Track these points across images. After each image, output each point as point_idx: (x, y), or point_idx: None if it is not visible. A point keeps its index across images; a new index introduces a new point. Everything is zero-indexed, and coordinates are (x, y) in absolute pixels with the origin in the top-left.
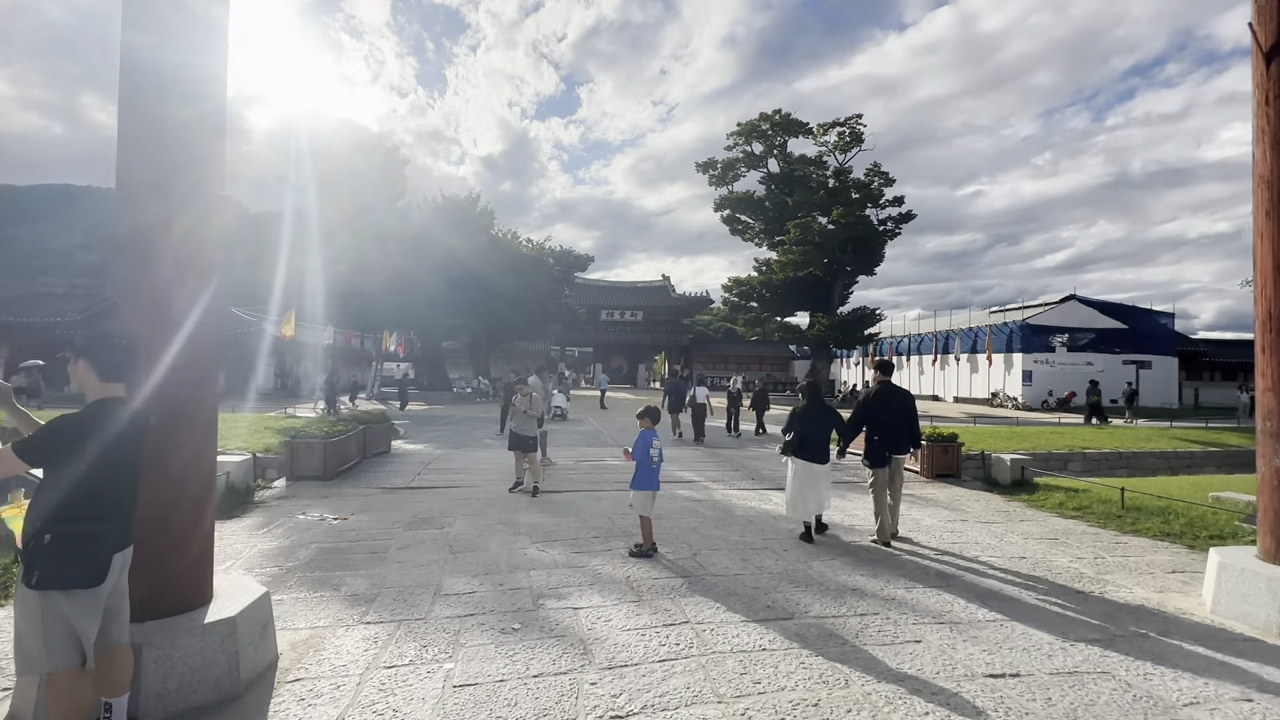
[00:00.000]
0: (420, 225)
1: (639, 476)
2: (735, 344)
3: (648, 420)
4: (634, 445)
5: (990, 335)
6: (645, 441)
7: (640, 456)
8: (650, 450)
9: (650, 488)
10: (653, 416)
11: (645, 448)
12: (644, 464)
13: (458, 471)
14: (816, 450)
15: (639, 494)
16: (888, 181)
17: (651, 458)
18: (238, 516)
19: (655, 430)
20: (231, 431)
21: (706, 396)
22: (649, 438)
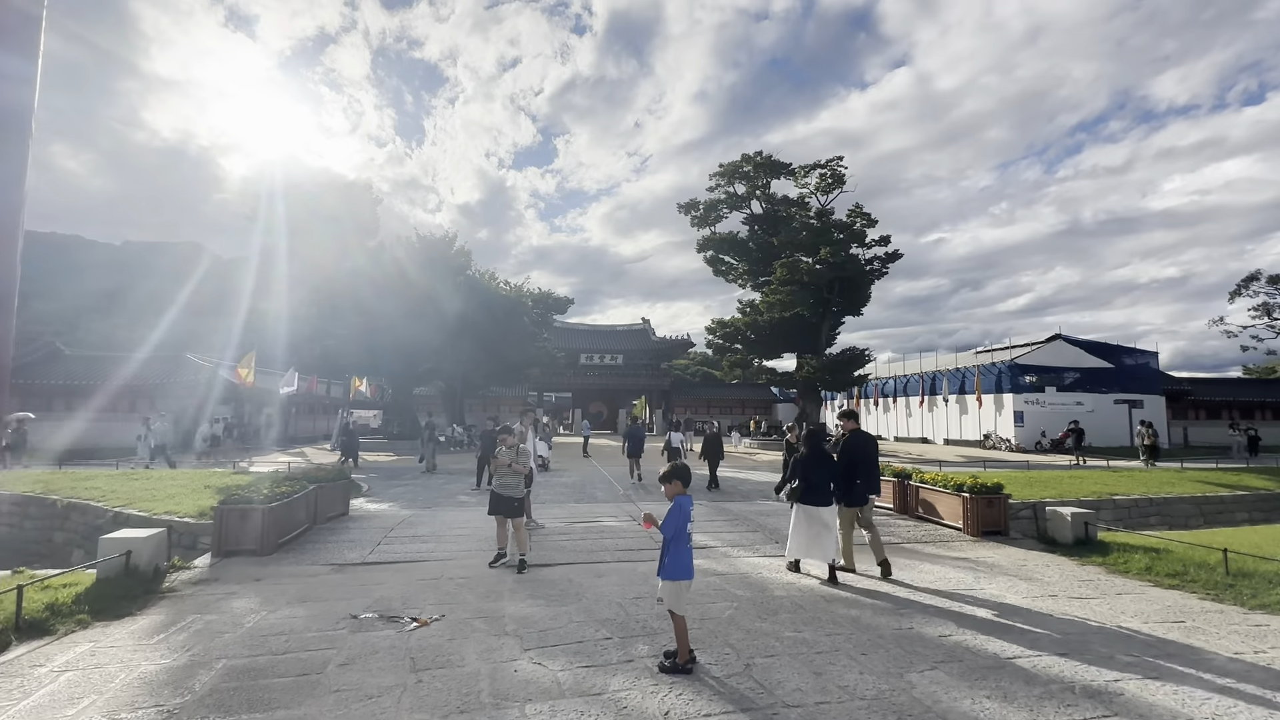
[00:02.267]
0: (393, 265)
1: (671, 561)
2: (717, 387)
3: (678, 484)
4: (664, 518)
5: (979, 376)
6: (680, 513)
7: (673, 533)
8: (689, 524)
9: (684, 576)
10: (683, 477)
11: (680, 521)
12: (677, 543)
13: (427, 539)
14: (820, 495)
15: (671, 585)
16: (870, 222)
17: (688, 533)
18: (133, 614)
19: (690, 496)
20: (162, 491)
21: (681, 441)
22: (684, 508)
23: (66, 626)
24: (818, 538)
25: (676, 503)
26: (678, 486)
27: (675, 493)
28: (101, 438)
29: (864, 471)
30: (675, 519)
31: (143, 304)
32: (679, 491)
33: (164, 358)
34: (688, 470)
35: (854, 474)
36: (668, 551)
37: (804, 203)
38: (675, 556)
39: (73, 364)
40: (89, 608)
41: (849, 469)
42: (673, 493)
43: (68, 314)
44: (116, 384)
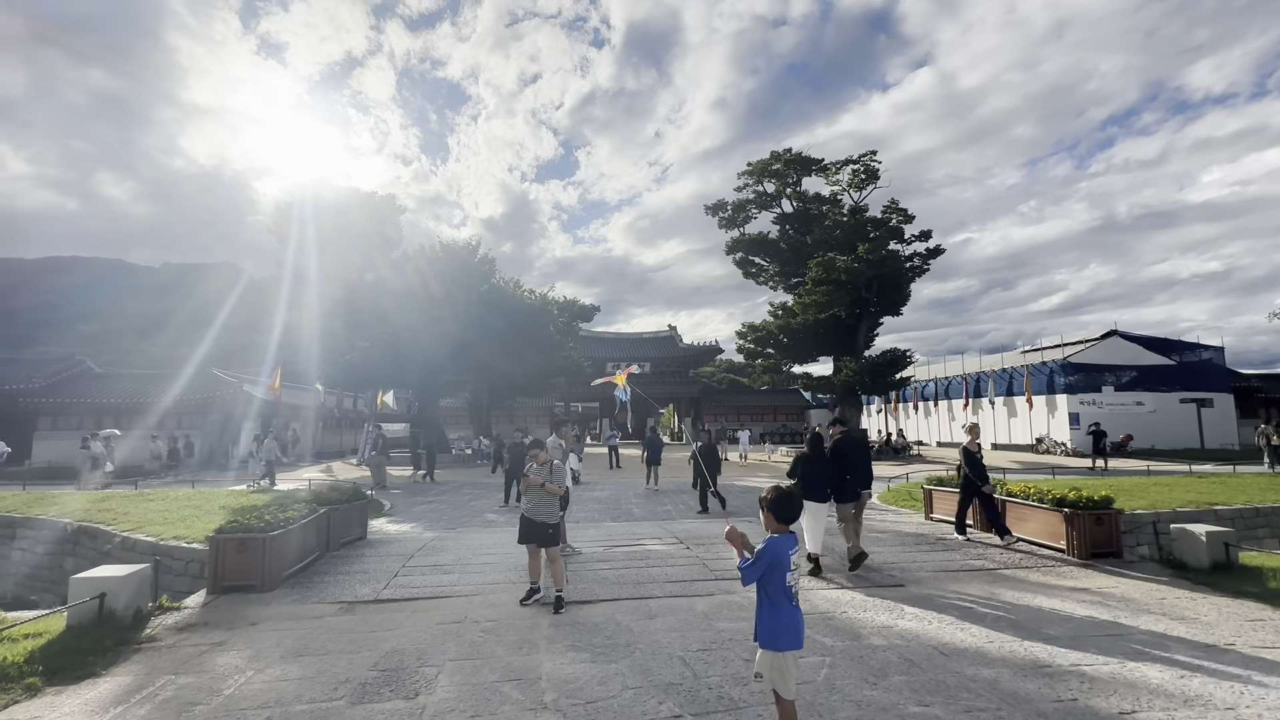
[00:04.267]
0: (417, 276)
1: (771, 623)
2: (747, 394)
3: (770, 515)
4: (755, 559)
5: (1029, 376)
6: (772, 560)
7: (774, 584)
8: (788, 574)
9: (789, 644)
10: (788, 510)
11: (770, 569)
12: (778, 598)
13: (450, 569)
14: (819, 492)
15: (771, 657)
16: (907, 218)
17: (788, 586)
18: (96, 674)
19: (794, 537)
20: (175, 513)
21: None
22: (780, 554)
23: (9, 695)
24: (811, 529)
25: (768, 544)
26: (772, 520)
27: (775, 530)
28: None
29: (854, 470)
30: (763, 564)
31: (180, 324)
32: (779, 530)
33: (193, 374)
34: (797, 501)
35: (845, 473)
36: (767, 608)
37: (836, 200)
38: (770, 615)
39: (104, 382)
40: (43, 667)
41: (840, 469)
42: (770, 526)
43: (110, 335)
44: (146, 401)
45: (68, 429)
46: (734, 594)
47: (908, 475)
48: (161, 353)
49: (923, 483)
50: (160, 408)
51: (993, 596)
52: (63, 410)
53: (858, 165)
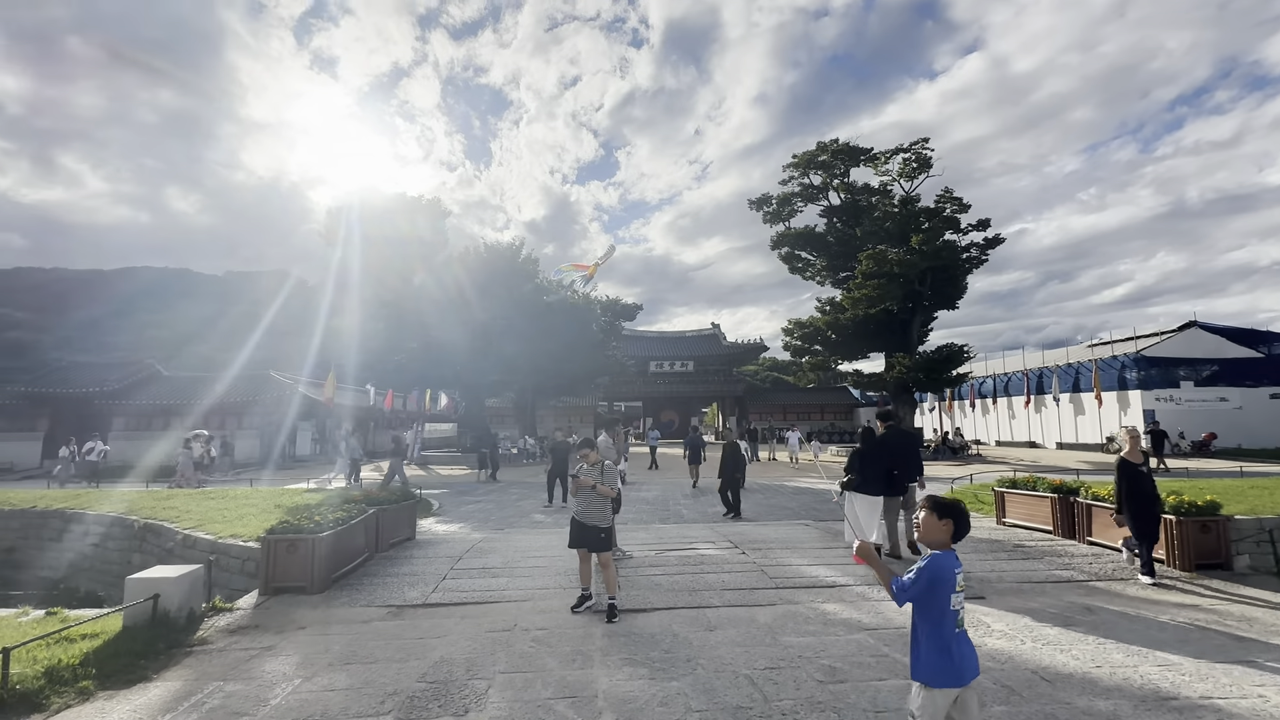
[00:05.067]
0: (463, 276)
1: (935, 654)
2: (792, 392)
3: (947, 524)
4: (916, 576)
5: (1097, 371)
6: (933, 578)
7: (935, 606)
8: (953, 594)
9: (952, 681)
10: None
11: (942, 587)
12: (940, 623)
13: (498, 572)
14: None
15: (931, 696)
16: (962, 207)
17: (954, 611)
18: (148, 679)
19: (955, 554)
20: (234, 511)
21: (747, 449)
22: (943, 573)
23: (63, 699)
24: (866, 521)
25: (931, 560)
26: (945, 528)
27: (938, 541)
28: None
29: (901, 464)
30: (922, 582)
31: (239, 328)
32: (943, 542)
33: (251, 376)
34: (964, 512)
35: (892, 467)
36: (916, 634)
37: (886, 191)
38: (932, 645)
39: (171, 384)
40: (96, 670)
41: (888, 463)
42: (931, 537)
43: (177, 340)
44: (208, 402)
45: (139, 429)
46: (797, 605)
47: (971, 476)
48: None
49: (993, 484)
50: (220, 408)
51: (1090, 612)
52: (135, 412)
53: (908, 154)
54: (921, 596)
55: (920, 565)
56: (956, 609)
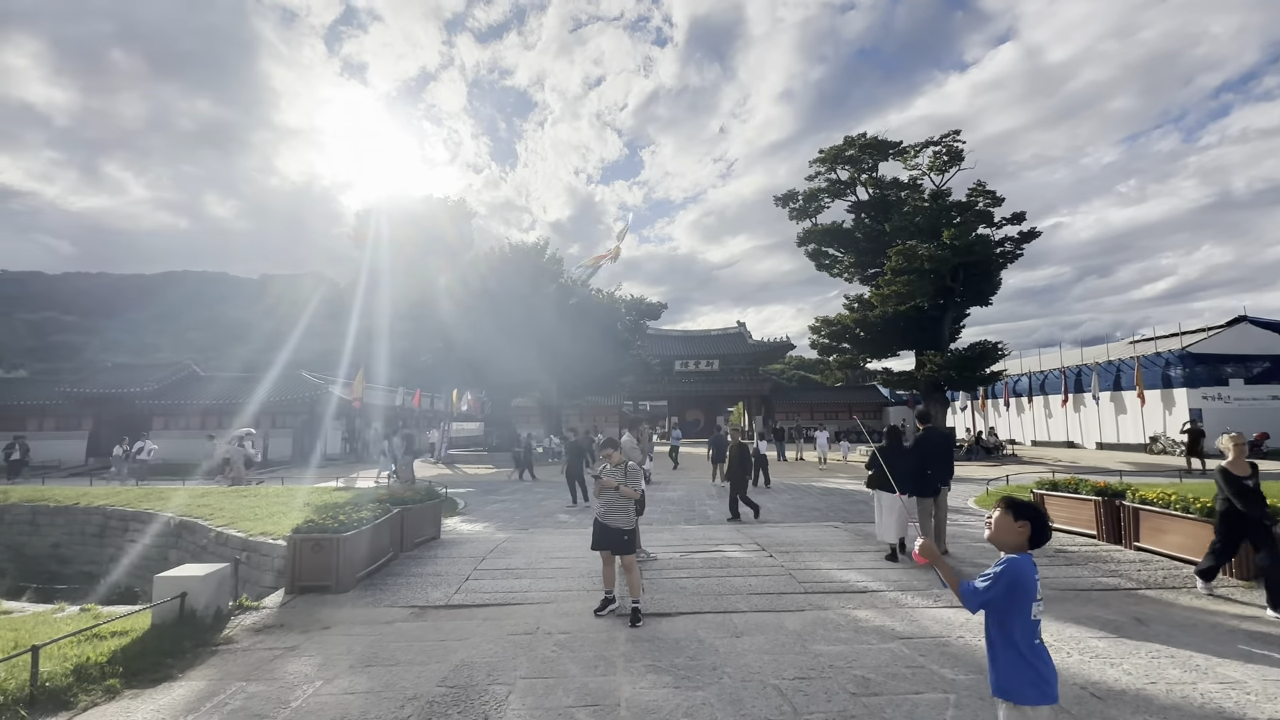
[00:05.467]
0: (488, 276)
1: (1015, 667)
2: (819, 391)
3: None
4: (993, 580)
5: (1140, 368)
6: (1019, 580)
7: (1015, 615)
8: (1034, 602)
9: (1042, 698)
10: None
11: (1023, 594)
12: (1019, 634)
13: (521, 573)
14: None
15: (1023, 713)
16: (995, 200)
17: (1034, 621)
18: (173, 678)
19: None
20: (264, 509)
21: (765, 450)
22: (1021, 577)
23: (90, 697)
24: (888, 518)
25: (1009, 564)
26: (1019, 533)
27: (1012, 544)
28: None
29: (935, 465)
30: (1001, 586)
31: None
32: (1017, 545)
33: (284, 377)
34: (1044, 516)
35: (926, 468)
36: (993, 646)
37: (916, 185)
38: (1011, 657)
39: (207, 385)
40: (123, 669)
41: (921, 464)
42: (1005, 538)
43: (216, 342)
44: (243, 402)
45: (177, 428)
46: (827, 610)
47: (1007, 477)
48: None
49: (1031, 486)
50: (254, 408)
51: (1141, 623)
52: (173, 411)
53: (939, 146)
54: (998, 602)
55: (997, 568)
56: (1037, 618)
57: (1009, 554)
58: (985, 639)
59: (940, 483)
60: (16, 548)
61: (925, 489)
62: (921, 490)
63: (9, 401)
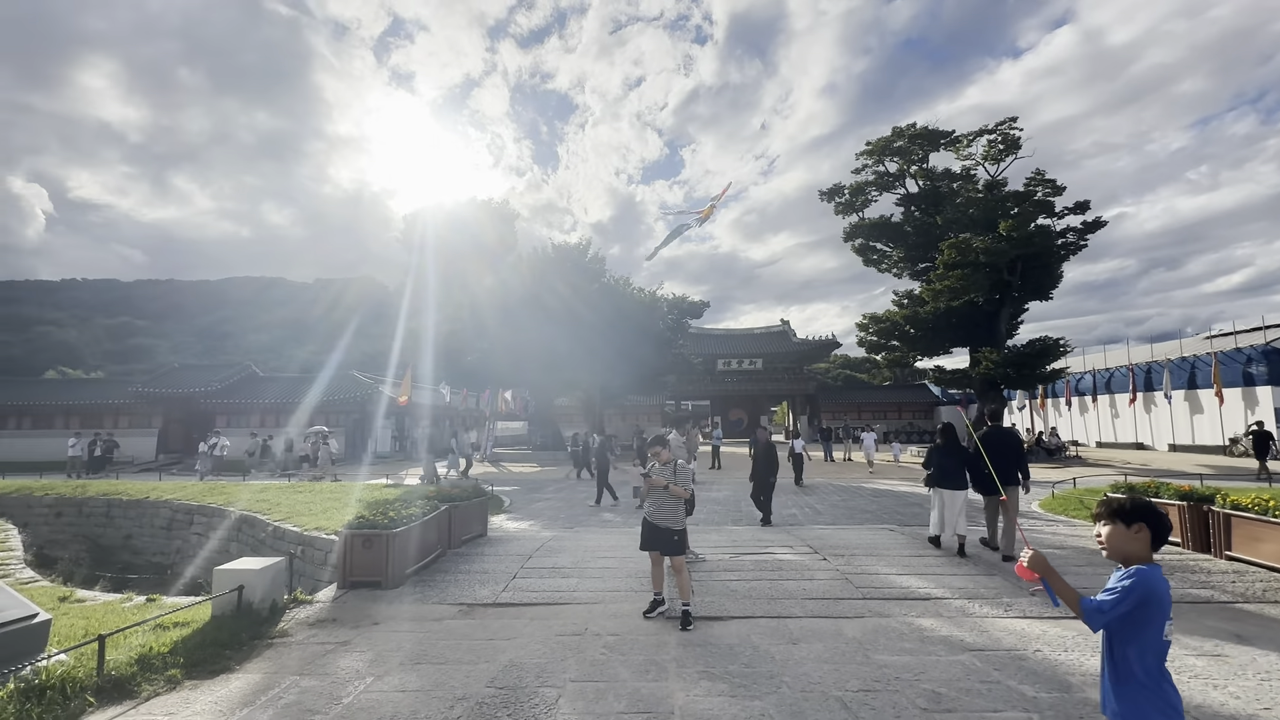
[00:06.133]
0: (531, 277)
1: (1145, 699)
2: (866, 390)
3: (1140, 531)
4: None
5: (1218, 365)
6: (1151, 597)
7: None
8: (1168, 621)
9: None
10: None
11: (1156, 612)
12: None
13: (568, 573)
14: (954, 480)
15: None
16: (1055, 189)
17: (1166, 642)
18: (231, 670)
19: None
20: (318, 505)
21: (804, 447)
22: (1151, 595)
23: (153, 686)
24: (949, 515)
25: (1139, 577)
26: (1137, 540)
27: (1134, 554)
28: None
29: (1000, 464)
30: (1129, 602)
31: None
32: (1139, 554)
33: (337, 376)
34: (1158, 513)
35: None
36: (1116, 671)
37: (969, 175)
38: (1138, 687)
39: (266, 384)
40: (184, 659)
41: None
42: (1120, 549)
43: (273, 343)
44: (299, 400)
45: (238, 426)
46: (888, 618)
47: (1074, 480)
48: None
49: (1105, 490)
50: (309, 407)
51: (1241, 640)
52: (234, 410)
53: (994, 135)
54: (1125, 621)
55: (1125, 581)
56: (1169, 639)
57: (1134, 565)
58: (1103, 659)
59: (1010, 481)
60: (94, 538)
61: (989, 486)
62: (987, 488)
63: (89, 401)
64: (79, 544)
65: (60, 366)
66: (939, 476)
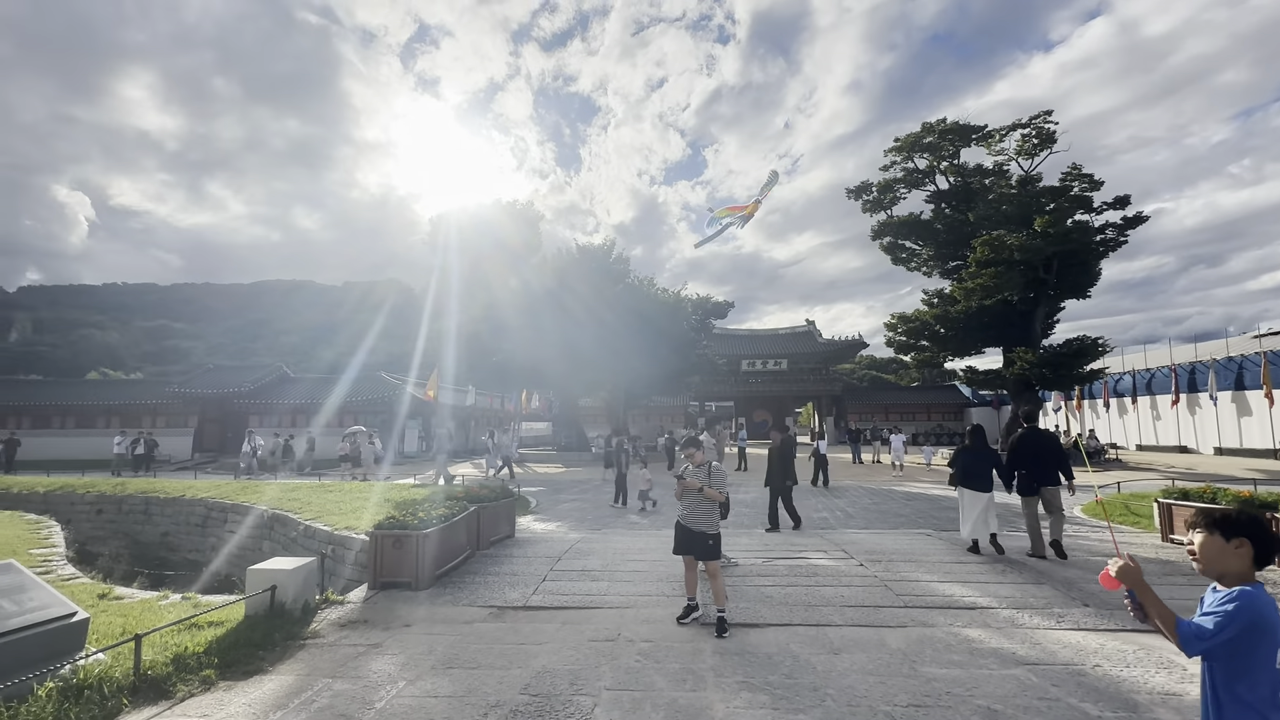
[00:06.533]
0: (555, 278)
1: None
2: (893, 391)
3: (1241, 546)
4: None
5: (1267, 365)
6: (1261, 622)
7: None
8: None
9: None
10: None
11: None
12: (1263, 687)
13: (598, 575)
14: (980, 481)
15: None
16: (1093, 184)
17: (1277, 667)
18: (264, 671)
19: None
20: (348, 504)
21: (828, 448)
22: (1267, 612)
23: (188, 687)
24: (981, 517)
25: (1244, 600)
26: (1238, 556)
27: (1232, 570)
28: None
29: (1038, 463)
30: (1233, 629)
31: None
32: (1240, 572)
33: (365, 377)
34: (1265, 525)
35: (1025, 466)
36: (1218, 699)
37: (1002, 171)
38: (1242, 714)
39: (296, 385)
40: (219, 660)
41: (1020, 462)
42: (1222, 565)
43: (303, 345)
44: (328, 401)
45: (269, 426)
46: (932, 628)
47: (1118, 484)
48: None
49: (1156, 495)
50: (338, 407)
51: None
52: (266, 410)
53: (1027, 129)
54: (1229, 648)
55: (1228, 605)
56: None
57: (1234, 584)
58: (1203, 688)
59: (1050, 481)
60: (133, 535)
61: (1026, 487)
62: (1024, 488)
63: (129, 401)
64: (119, 540)
65: (102, 368)
66: (963, 476)
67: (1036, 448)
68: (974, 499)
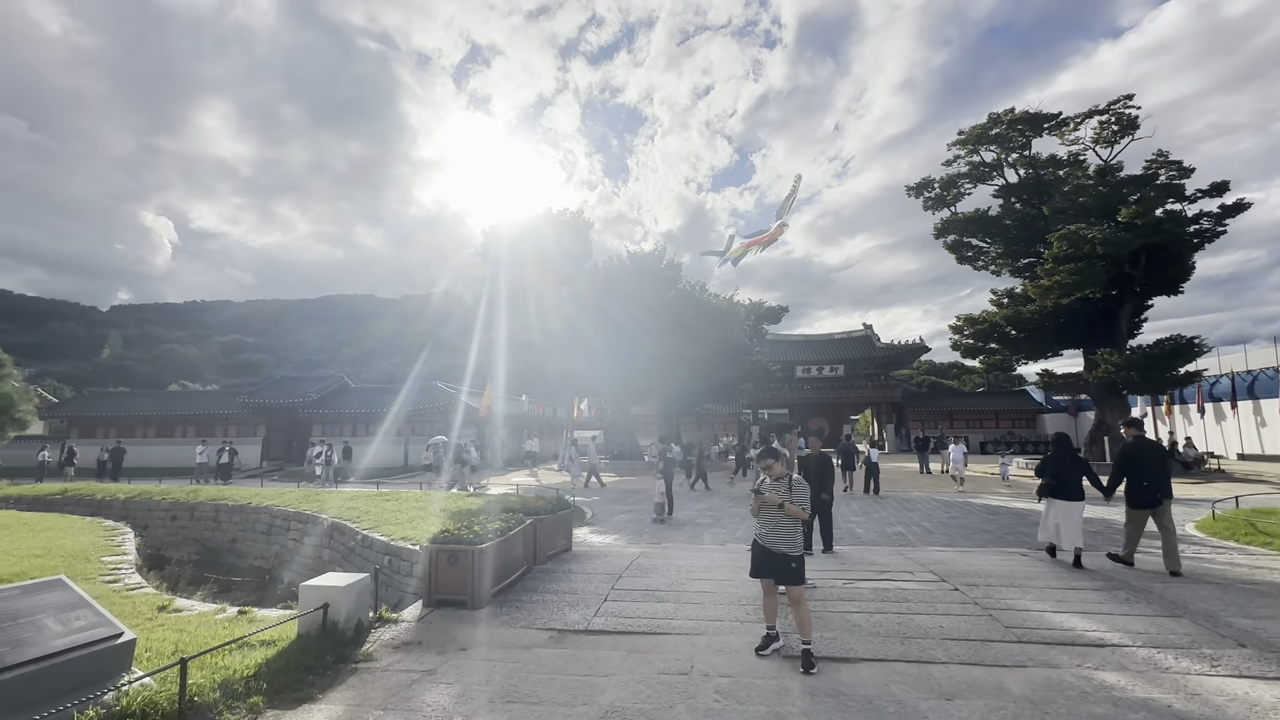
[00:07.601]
0: (607, 285)
1: None
2: (960, 397)
3: None
4: None
5: None
6: None
7: None
8: None
9: None
10: None
11: None
12: None
13: (663, 596)
14: (1070, 491)
15: None
16: (1183, 171)
17: None
18: (313, 699)
19: None
20: (405, 514)
21: (879, 456)
22: None
23: (235, 715)
24: (1066, 527)
25: None
26: None
27: None
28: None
29: (1149, 475)
30: None
31: (415, 345)
32: None
33: (421, 388)
34: None
35: (1136, 476)
36: None
37: (1078, 161)
38: None
39: (357, 395)
40: (267, 685)
41: (1131, 472)
42: None
43: (363, 357)
44: (387, 410)
45: (332, 435)
46: (1058, 669)
47: (1236, 499)
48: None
49: None
50: (397, 416)
51: None
52: (328, 419)
53: (1106, 116)
54: None
55: None
56: None
57: None
58: None
59: (1165, 494)
60: (203, 541)
61: (1138, 499)
62: (1134, 501)
63: (205, 411)
64: (190, 546)
65: (182, 380)
66: (1054, 487)
67: (1151, 457)
68: (1068, 509)
